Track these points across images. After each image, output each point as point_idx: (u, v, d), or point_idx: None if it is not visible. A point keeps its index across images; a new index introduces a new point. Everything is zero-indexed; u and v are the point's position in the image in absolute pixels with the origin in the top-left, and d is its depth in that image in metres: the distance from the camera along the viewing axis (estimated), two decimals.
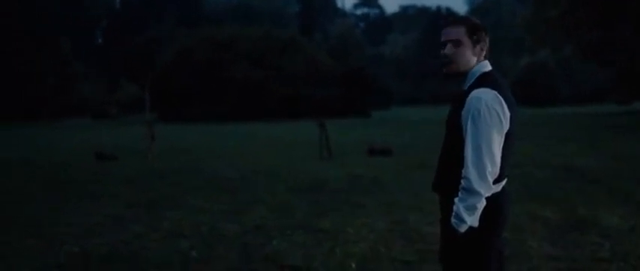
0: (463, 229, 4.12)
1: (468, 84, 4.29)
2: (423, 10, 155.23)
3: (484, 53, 4.36)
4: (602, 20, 50.91)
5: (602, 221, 10.21)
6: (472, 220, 4.11)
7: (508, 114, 4.16)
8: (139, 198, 14.31)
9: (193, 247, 9.34)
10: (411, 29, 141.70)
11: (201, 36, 79.45)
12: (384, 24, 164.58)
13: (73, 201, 14.01)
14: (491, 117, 4.09)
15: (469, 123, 4.12)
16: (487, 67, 4.35)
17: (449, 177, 4.30)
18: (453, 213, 4.14)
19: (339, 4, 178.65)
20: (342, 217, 11.27)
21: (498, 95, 4.14)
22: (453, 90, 4.50)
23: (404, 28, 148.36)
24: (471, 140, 4.11)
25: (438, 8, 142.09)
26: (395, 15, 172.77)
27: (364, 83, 79.18)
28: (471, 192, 4.08)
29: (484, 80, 4.24)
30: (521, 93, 77.43)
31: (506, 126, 4.18)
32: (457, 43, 4.28)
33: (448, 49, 4.30)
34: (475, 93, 4.15)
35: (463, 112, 4.17)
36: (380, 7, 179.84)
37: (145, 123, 31.98)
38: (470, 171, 4.10)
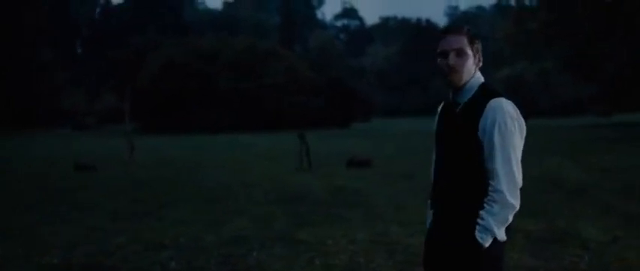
0: (488, 243, 4.01)
1: (470, 95, 4.13)
2: (404, 22, 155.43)
3: (480, 64, 4.23)
4: (581, 33, 51.16)
5: (582, 233, 10.24)
6: (501, 233, 4.05)
7: (524, 125, 4.14)
8: (120, 208, 14.27)
9: (173, 258, 9.31)
10: (391, 40, 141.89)
11: (184, 46, 79.30)
12: (364, 35, 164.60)
13: (52, 212, 13.94)
14: (515, 128, 4.04)
15: (496, 134, 3.99)
16: (482, 77, 4.24)
17: (461, 190, 4.10)
18: (481, 227, 3.99)
19: (320, 15, 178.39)
20: (322, 229, 11.26)
21: (515, 106, 4.11)
22: (447, 100, 4.29)
23: (384, 40, 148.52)
24: (501, 151, 4.00)
25: (418, 20, 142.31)
26: (375, 26, 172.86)
27: (345, 94, 79.16)
28: (505, 204, 4.01)
29: (490, 90, 4.14)
30: None
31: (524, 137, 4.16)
32: (461, 53, 4.09)
33: (452, 59, 4.07)
34: (496, 103, 4.02)
35: (485, 123, 4.01)
36: (360, 19, 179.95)
37: (124, 134, 31.90)
38: (502, 183, 4.01)
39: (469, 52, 4.11)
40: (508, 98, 4.09)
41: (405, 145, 35.42)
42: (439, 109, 4.39)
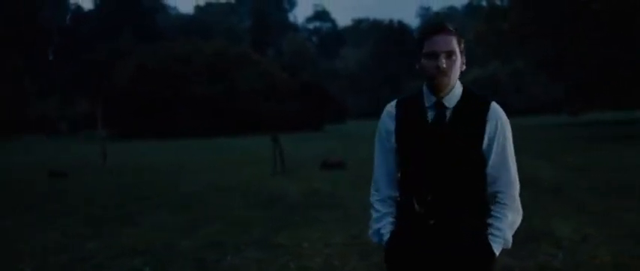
0: (499, 251, 3.92)
1: (457, 99, 3.88)
2: (376, 24, 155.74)
3: (464, 66, 3.99)
4: (554, 33, 51.36)
5: (556, 231, 10.31)
6: (511, 240, 3.97)
7: None
8: (94, 215, 14.22)
9: (148, 264, 9.29)
10: (363, 43, 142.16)
11: (156, 51, 79.18)
12: (336, 38, 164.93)
13: (25, 220, 13.87)
14: (510, 133, 3.95)
15: (503, 139, 3.87)
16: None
17: (465, 199, 3.84)
18: (497, 238, 3.88)
19: (292, 18, 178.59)
20: (297, 232, 11.26)
21: None
22: (415, 102, 3.94)
23: (357, 42, 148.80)
24: (509, 157, 3.92)
25: (391, 21, 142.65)
26: (347, 29, 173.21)
27: (318, 97, 79.32)
28: (517, 211, 3.99)
29: (475, 93, 3.96)
30: None
31: None
32: (451, 54, 3.80)
33: (443, 62, 3.76)
34: (496, 107, 3.88)
35: (491, 128, 3.84)
36: (332, 21, 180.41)
37: (98, 140, 31.80)
38: (514, 189, 3.95)
39: (458, 53, 3.85)
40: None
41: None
42: (397, 111, 4.02)
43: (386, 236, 4.03)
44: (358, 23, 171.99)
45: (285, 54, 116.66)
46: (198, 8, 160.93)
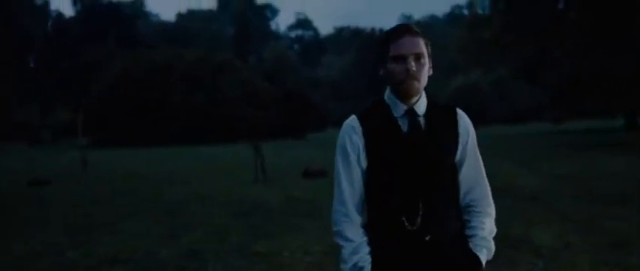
0: (485, 262, 3.69)
1: (425, 106, 3.64)
2: (357, 32, 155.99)
3: (431, 71, 3.68)
4: (534, 41, 51.64)
5: (535, 239, 10.33)
6: (493, 249, 3.75)
7: None
8: (74, 223, 14.15)
9: None
10: (345, 50, 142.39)
11: (137, 59, 79.02)
12: (318, 46, 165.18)
13: (5, 229, 13.80)
14: None
15: (473, 145, 3.73)
16: None
17: (449, 213, 3.63)
18: (486, 250, 3.68)
19: (274, 26, 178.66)
20: (277, 240, 11.24)
21: None
22: (383, 112, 3.65)
23: (338, 50, 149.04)
24: (481, 164, 3.78)
25: (373, 30, 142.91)
26: (329, 37, 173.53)
27: (300, 105, 79.35)
28: (493, 218, 3.77)
29: (436, 101, 3.73)
30: None
31: None
32: (420, 57, 3.55)
33: (412, 65, 3.51)
34: (463, 113, 3.74)
35: (464, 136, 3.69)
36: (314, 29, 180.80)
37: (78, 148, 31.73)
38: (490, 196, 3.77)
39: (427, 56, 3.59)
40: None
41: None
42: (362, 125, 3.65)
43: (367, 269, 3.59)
44: (340, 31, 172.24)
45: (267, 62, 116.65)
46: (179, 15, 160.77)
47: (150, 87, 73.77)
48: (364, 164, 3.62)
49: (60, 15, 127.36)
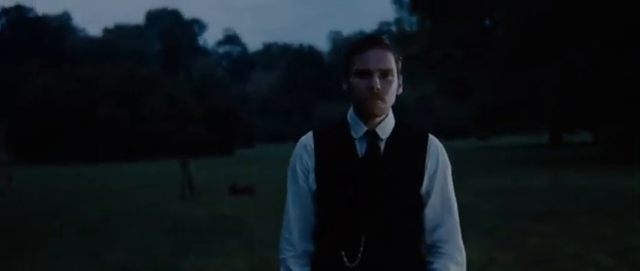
0: None
1: (391, 129, 3.21)
2: (285, 48, 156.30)
3: (401, 89, 3.28)
4: (461, 58, 52.14)
5: None
6: None
7: None
8: None
9: None
10: (273, 67, 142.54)
11: (63, 74, 78.13)
12: (247, 62, 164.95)
13: None
14: None
15: (444, 177, 3.29)
16: None
17: (405, 248, 3.16)
18: None
19: (202, 42, 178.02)
20: (204, 257, 11.20)
21: None
22: (341, 133, 3.20)
23: (267, 66, 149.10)
24: (453, 199, 3.33)
25: (301, 46, 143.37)
26: (258, 53, 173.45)
27: (228, 121, 79.22)
28: (462, 264, 3.26)
29: (407, 123, 3.33)
30: None
31: None
32: (387, 73, 3.11)
33: (377, 82, 3.06)
34: (435, 140, 3.32)
35: (433, 166, 3.24)
36: (242, 45, 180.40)
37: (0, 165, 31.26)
38: (460, 237, 3.30)
39: (396, 72, 3.16)
40: None
41: (286, 171, 35.54)
42: (315, 144, 3.24)
43: None
44: (268, 47, 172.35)
45: (195, 77, 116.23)
46: (106, 31, 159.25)
47: (76, 103, 73.01)
48: (313, 187, 3.18)
49: None
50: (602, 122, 46.45)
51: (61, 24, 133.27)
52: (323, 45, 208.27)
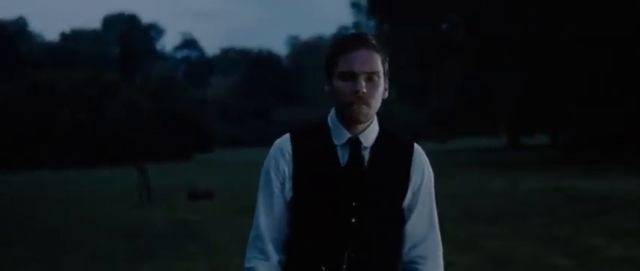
0: None
1: (375, 135, 2.96)
2: (244, 53, 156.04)
3: (387, 93, 3.02)
4: (419, 61, 52.33)
5: None
6: None
7: None
8: None
9: None
10: (232, 71, 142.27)
11: (20, 80, 77.38)
12: (205, 66, 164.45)
13: None
14: None
15: (428, 190, 3.09)
16: None
17: (386, 263, 2.97)
18: None
19: (160, 46, 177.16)
20: (163, 263, 11.15)
21: None
22: (323, 137, 2.95)
23: (225, 70, 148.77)
24: (435, 213, 3.13)
25: (259, 50, 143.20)
26: (216, 57, 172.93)
27: (186, 126, 78.91)
28: None
29: (391, 131, 3.06)
30: None
31: None
32: (373, 76, 2.87)
33: (363, 85, 2.82)
34: (420, 148, 3.07)
35: (419, 177, 3.03)
36: (201, 50, 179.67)
37: None
38: (441, 254, 3.14)
39: (382, 75, 2.93)
40: None
41: (246, 176, 35.47)
42: (293, 148, 2.96)
43: None
44: (226, 52, 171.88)
45: (153, 82, 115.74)
46: (64, 36, 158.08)
47: (33, 108, 72.31)
48: (289, 195, 2.93)
49: None
50: (560, 125, 46.91)
51: (18, 29, 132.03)
52: (281, 49, 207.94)
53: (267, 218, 2.94)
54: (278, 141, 3.00)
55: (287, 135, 3.00)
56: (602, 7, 37.61)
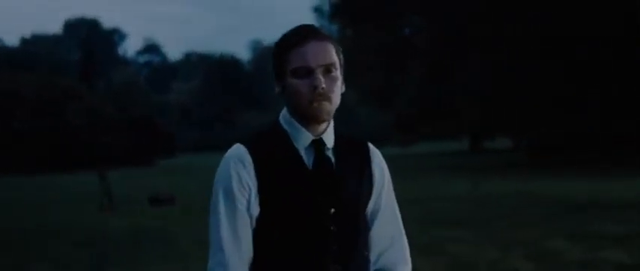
0: None
1: (333, 135, 2.71)
2: (206, 57, 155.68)
3: (343, 88, 2.72)
4: (382, 64, 52.41)
5: None
6: None
7: None
8: None
9: None
10: (194, 76, 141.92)
11: None
12: (168, 71, 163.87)
13: None
14: None
15: (389, 190, 2.91)
16: None
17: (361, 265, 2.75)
18: None
19: (121, 51, 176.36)
20: (124, 270, 11.05)
21: None
22: (282, 141, 2.66)
23: (188, 75, 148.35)
24: (400, 218, 2.94)
25: (222, 55, 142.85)
26: (178, 62, 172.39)
27: (148, 131, 78.55)
28: None
29: (342, 131, 2.80)
30: None
31: None
32: (330, 68, 2.60)
33: (321, 79, 2.55)
34: (375, 148, 2.85)
35: (379, 177, 2.83)
36: (163, 55, 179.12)
37: None
38: (408, 253, 2.91)
39: (339, 67, 2.64)
40: None
41: (208, 181, 35.32)
42: (253, 158, 2.61)
43: None
44: (188, 57, 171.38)
45: (114, 87, 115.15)
46: (23, 40, 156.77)
47: None
48: (256, 211, 2.60)
49: None
50: (523, 128, 47.17)
51: None
52: (244, 54, 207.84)
53: (233, 243, 2.58)
54: (231, 153, 2.68)
55: (240, 146, 2.68)
56: (562, 7, 37.84)
